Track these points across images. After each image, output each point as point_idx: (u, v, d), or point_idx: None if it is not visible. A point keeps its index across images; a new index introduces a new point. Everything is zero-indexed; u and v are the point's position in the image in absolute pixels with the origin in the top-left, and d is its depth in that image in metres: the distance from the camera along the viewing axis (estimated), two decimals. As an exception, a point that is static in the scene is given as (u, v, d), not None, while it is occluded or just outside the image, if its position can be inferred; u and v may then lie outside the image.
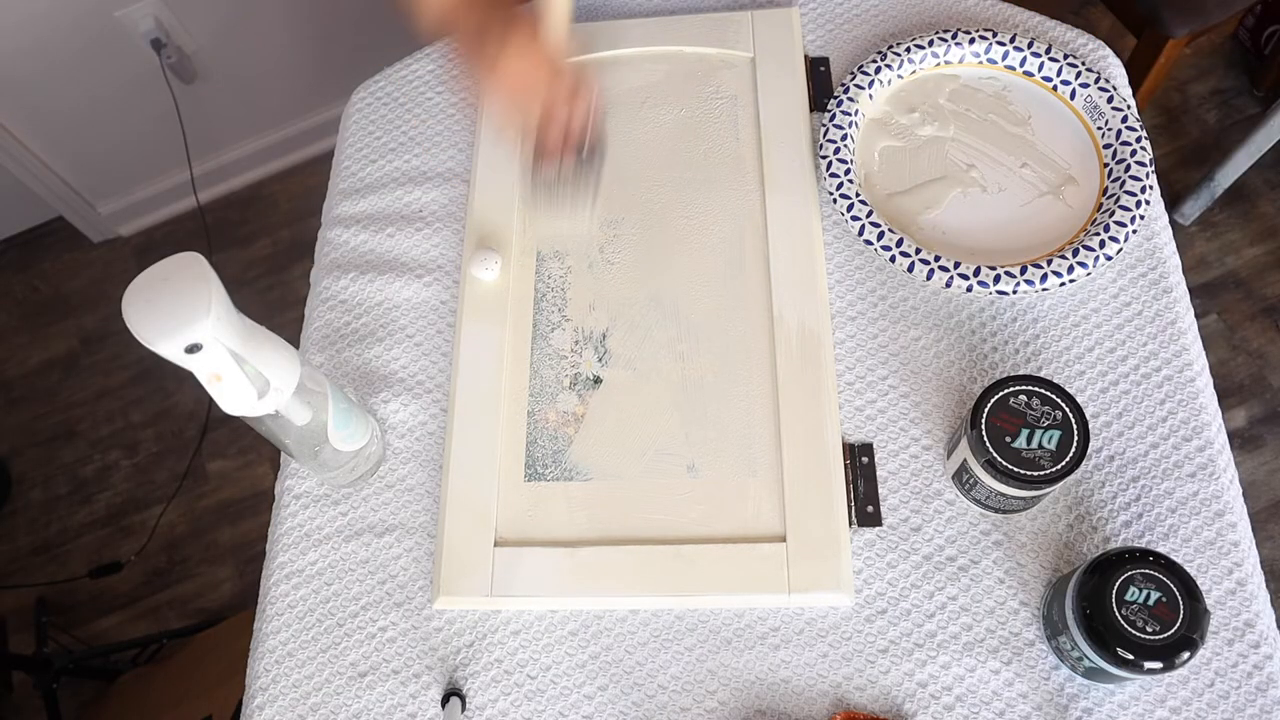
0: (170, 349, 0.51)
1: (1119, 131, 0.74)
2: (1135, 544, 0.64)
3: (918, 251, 0.70)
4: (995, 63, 0.79)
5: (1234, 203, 1.55)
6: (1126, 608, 0.54)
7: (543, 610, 0.67)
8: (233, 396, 0.55)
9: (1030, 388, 0.61)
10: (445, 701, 0.64)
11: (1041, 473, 0.59)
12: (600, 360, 0.73)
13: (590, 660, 0.65)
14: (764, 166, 0.78)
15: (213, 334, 0.51)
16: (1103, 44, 0.82)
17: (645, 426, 0.70)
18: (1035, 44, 0.78)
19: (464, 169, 0.83)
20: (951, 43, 0.79)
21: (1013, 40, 0.78)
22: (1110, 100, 0.75)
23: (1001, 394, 0.61)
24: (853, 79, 0.79)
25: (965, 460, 0.62)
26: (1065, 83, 0.77)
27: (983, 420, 0.60)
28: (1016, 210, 0.74)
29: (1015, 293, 0.69)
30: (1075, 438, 0.59)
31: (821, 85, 0.82)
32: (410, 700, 0.65)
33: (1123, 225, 0.70)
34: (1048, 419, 0.60)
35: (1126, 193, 0.71)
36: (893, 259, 0.71)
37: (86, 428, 1.67)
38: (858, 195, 0.74)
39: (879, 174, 0.77)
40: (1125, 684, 0.60)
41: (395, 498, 0.71)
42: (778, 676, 0.63)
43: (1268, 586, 0.63)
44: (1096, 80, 0.76)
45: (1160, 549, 0.63)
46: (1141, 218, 0.70)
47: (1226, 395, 1.43)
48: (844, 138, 0.76)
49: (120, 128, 1.63)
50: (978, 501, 0.65)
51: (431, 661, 0.66)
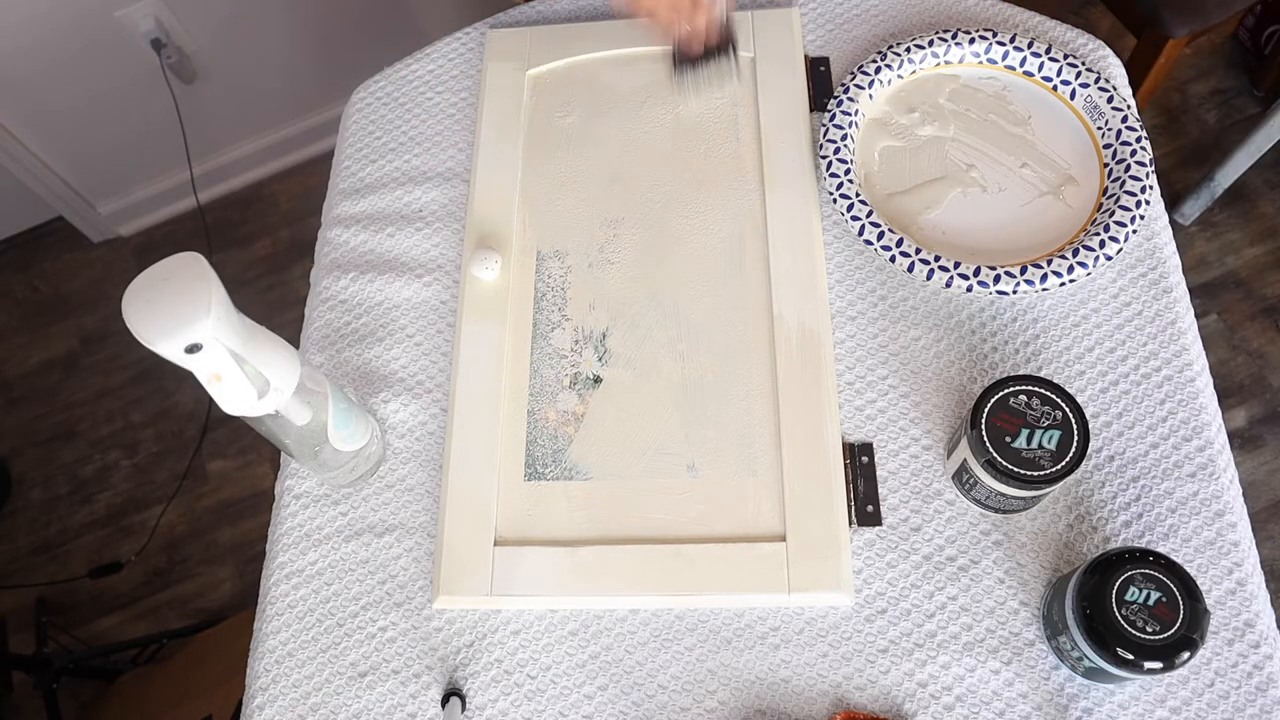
0: (170, 349, 0.51)
1: (1119, 131, 0.74)
2: (1135, 544, 0.64)
3: (918, 251, 0.70)
4: (995, 63, 0.79)
5: (1234, 203, 1.55)
6: (1126, 608, 0.54)
7: (543, 610, 0.67)
8: (233, 396, 0.55)
9: (1030, 388, 0.61)
10: (445, 701, 0.64)
11: (1041, 473, 0.59)
12: (600, 360, 0.73)
13: (590, 660, 0.65)
14: (764, 166, 0.78)
15: (213, 334, 0.51)
16: (1103, 44, 0.82)
17: (645, 426, 0.70)
18: (1035, 44, 0.78)
19: (464, 169, 0.83)
20: (951, 43, 0.79)
21: (1013, 40, 0.78)
22: (1110, 100, 0.75)
23: (1001, 394, 0.61)
24: (853, 79, 0.79)
25: (965, 460, 0.62)
26: (1065, 83, 0.77)
27: (983, 420, 0.60)
28: (1016, 210, 0.74)
29: (1015, 293, 0.69)
30: (1075, 438, 0.59)
31: (821, 85, 0.82)
32: (410, 700, 0.65)
33: (1123, 225, 0.70)
34: (1048, 419, 0.60)
35: (1126, 193, 0.71)
36: (893, 259, 0.71)
37: (86, 428, 1.67)
38: (858, 195, 0.74)
39: (879, 174, 0.77)
40: (1125, 684, 0.60)
41: (395, 498, 0.71)
42: (778, 676, 0.63)
43: (1268, 586, 0.63)
44: (1096, 80, 0.76)
45: (1160, 549, 0.63)
46: (1141, 218, 0.70)
47: (1226, 395, 1.43)
48: (844, 138, 0.76)
49: (120, 128, 1.63)
50: (978, 501, 0.65)
51: (431, 661, 0.66)
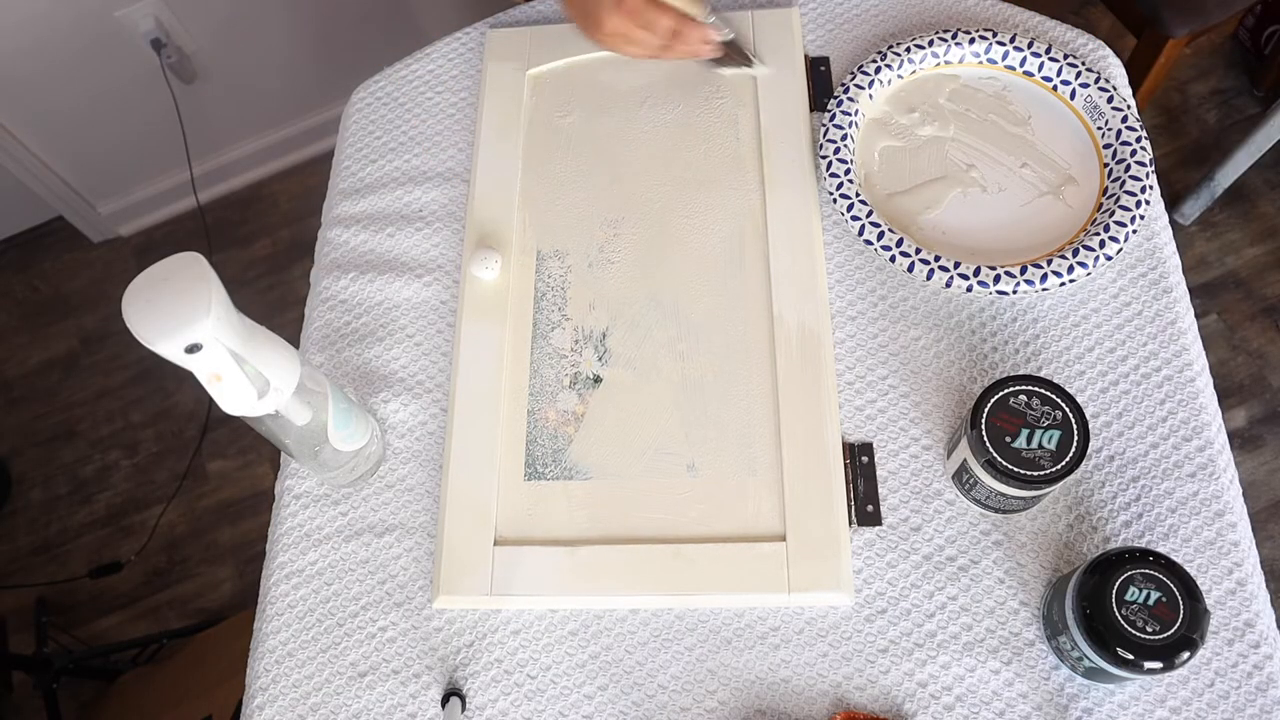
0: (170, 349, 0.51)
1: (1119, 131, 0.74)
2: (1135, 544, 0.64)
3: (918, 251, 0.70)
4: (995, 63, 0.79)
5: (1234, 203, 1.55)
6: (1126, 608, 0.54)
7: (543, 610, 0.67)
8: (233, 396, 0.55)
9: (1030, 388, 0.61)
10: (445, 701, 0.64)
11: (1041, 473, 0.59)
12: (600, 359, 0.73)
13: (590, 660, 0.65)
14: (764, 166, 0.78)
15: (213, 334, 0.51)
16: (1103, 44, 0.82)
17: (645, 426, 0.70)
18: (1035, 44, 0.78)
19: (464, 169, 0.83)
20: (951, 43, 0.79)
21: (1013, 40, 0.78)
22: (1110, 100, 0.75)
23: (1001, 394, 0.61)
24: (853, 79, 0.79)
25: (965, 460, 0.62)
26: (1065, 83, 0.77)
27: (983, 420, 0.60)
28: (1016, 210, 0.74)
29: (1015, 293, 0.69)
30: (1075, 438, 0.59)
31: (821, 85, 0.82)
32: (410, 700, 0.65)
33: (1123, 225, 0.70)
34: (1048, 419, 0.60)
35: (1126, 193, 0.71)
36: (893, 259, 0.71)
37: (86, 428, 1.67)
38: (858, 195, 0.74)
39: (879, 174, 0.77)
40: (1125, 684, 0.60)
41: (395, 498, 0.71)
42: (778, 676, 0.63)
43: (1268, 586, 0.63)
44: (1096, 80, 0.76)
45: (1160, 549, 0.63)
46: (1141, 218, 0.70)
47: (1226, 395, 1.43)
48: (844, 138, 0.76)
49: (120, 128, 1.63)
50: (978, 501, 0.65)
51: (431, 661, 0.66)
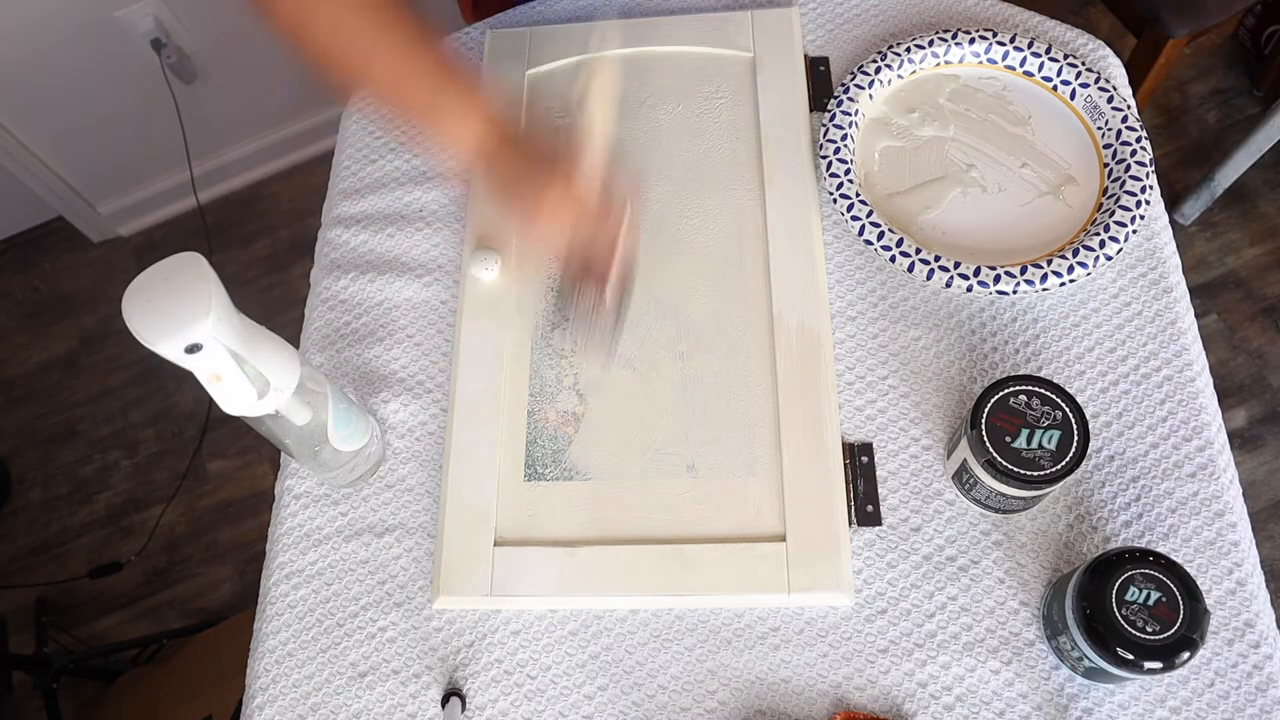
0: (170, 349, 0.51)
1: (1119, 131, 0.74)
2: (1135, 544, 0.64)
3: (918, 251, 0.70)
4: (995, 63, 0.79)
5: (1234, 203, 1.55)
6: (1126, 608, 0.54)
7: (543, 610, 0.67)
8: (233, 396, 0.55)
9: (1030, 388, 0.61)
10: (445, 701, 0.64)
11: (1041, 473, 0.59)
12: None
13: (590, 660, 0.65)
14: (764, 166, 0.78)
15: (213, 334, 0.51)
16: (1103, 44, 0.82)
17: (645, 426, 0.70)
18: (1035, 44, 0.78)
19: (464, 169, 0.83)
20: (951, 43, 0.79)
21: (1013, 40, 0.78)
22: (1110, 100, 0.75)
23: (1001, 394, 0.61)
24: (853, 79, 0.79)
25: (965, 460, 0.62)
26: (1065, 83, 0.77)
27: (983, 420, 0.60)
28: (1016, 210, 0.74)
29: (1015, 293, 0.69)
30: (1075, 438, 0.59)
31: (821, 85, 0.82)
32: (410, 700, 0.65)
33: (1123, 225, 0.70)
34: (1048, 419, 0.60)
35: (1126, 193, 0.71)
36: (893, 259, 0.71)
37: (86, 428, 1.67)
38: (858, 195, 0.74)
39: (879, 174, 0.77)
40: (1125, 684, 0.60)
41: (395, 498, 0.71)
42: (778, 676, 0.63)
43: (1268, 586, 0.63)
44: (1096, 80, 0.76)
45: (1160, 549, 0.63)
46: (1141, 218, 0.70)
47: (1226, 395, 1.43)
48: (844, 138, 0.76)
49: (120, 128, 1.63)
50: (978, 501, 0.65)
51: (431, 661, 0.66)
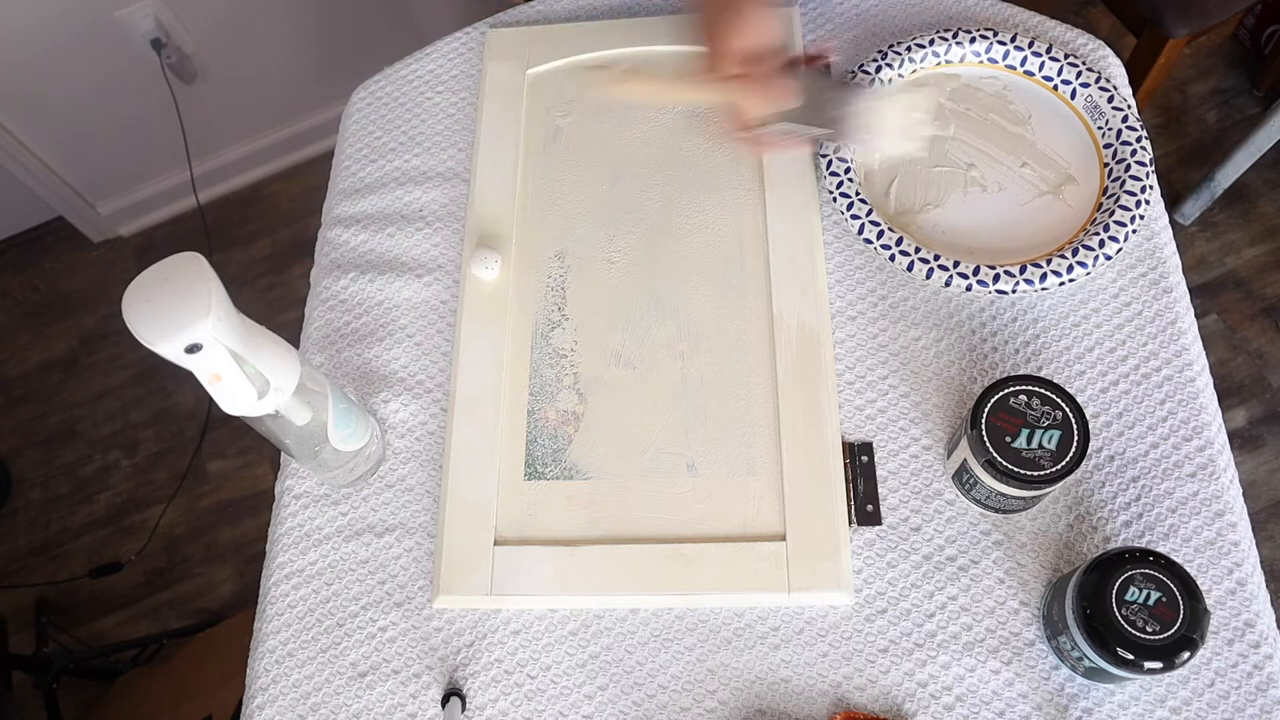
0: (170, 349, 0.51)
1: (1119, 131, 0.74)
2: (1135, 544, 0.64)
3: (917, 250, 0.70)
4: (996, 62, 0.79)
5: (1234, 203, 1.55)
6: (1126, 608, 0.54)
7: (543, 610, 0.67)
8: (233, 396, 0.55)
9: (1030, 388, 0.61)
10: (445, 701, 0.64)
11: (1041, 473, 0.59)
12: (600, 359, 0.73)
13: (590, 660, 0.65)
14: (764, 166, 0.78)
15: (213, 334, 0.51)
16: (1103, 44, 0.82)
17: (645, 425, 0.70)
18: (1036, 44, 0.78)
19: (464, 169, 0.83)
20: (952, 42, 0.79)
21: (1013, 40, 0.78)
22: (1110, 100, 0.75)
23: (1001, 394, 0.61)
24: (853, 78, 0.79)
25: (965, 460, 0.62)
26: (1065, 82, 0.77)
27: (983, 420, 0.60)
28: (1016, 210, 0.74)
29: (1015, 292, 0.69)
30: (1075, 438, 0.59)
31: (821, 85, 0.82)
32: (410, 700, 0.65)
33: (1123, 225, 0.70)
34: (1048, 419, 0.60)
35: (1126, 192, 0.71)
36: (892, 258, 0.71)
37: (86, 428, 1.67)
38: (857, 194, 0.74)
39: (879, 173, 0.77)
40: (1125, 684, 0.60)
41: (395, 498, 0.71)
42: (778, 676, 0.63)
43: (1268, 586, 0.63)
44: (1097, 80, 0.76)
45: (1160, 549, 0.63)
46: (1141, 217, 0.70)
47: (1226, 395, 1.43)
48: (844, 137, 0.76)
49: (120, 128, 1.63)
50: (978, 501, 0.65)
51: (431, 661, 0.66)
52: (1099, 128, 0.76)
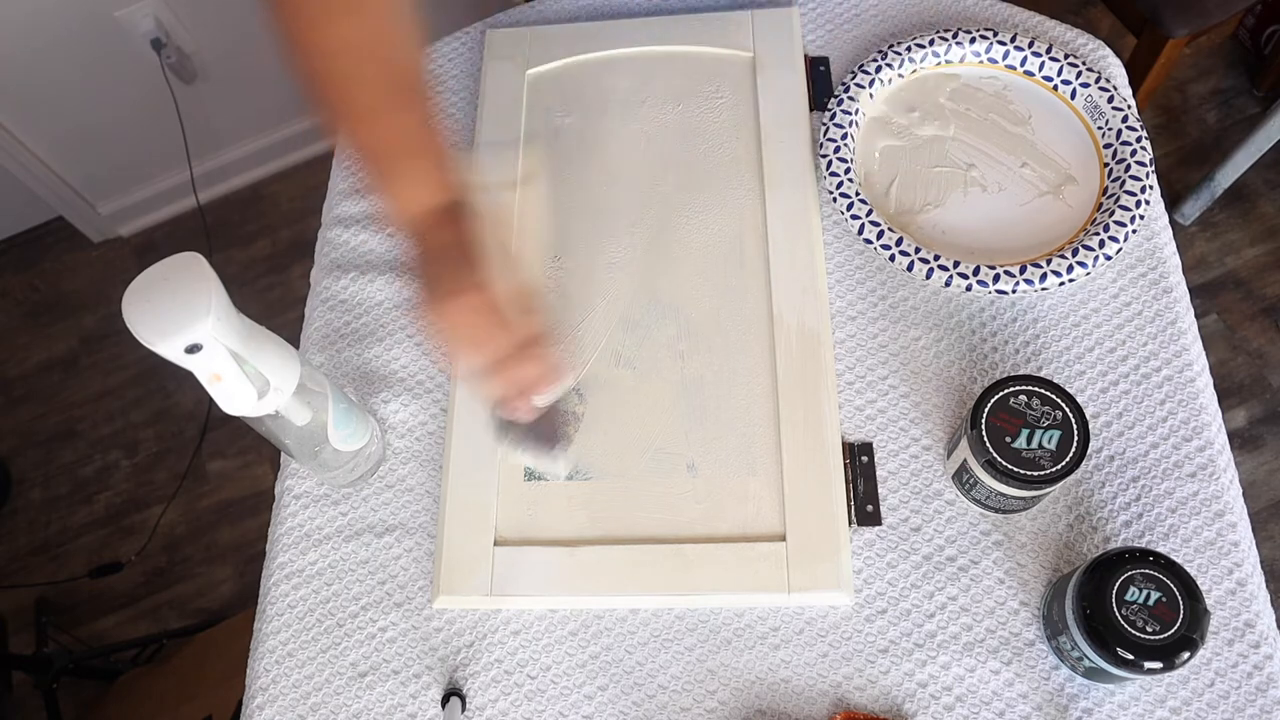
0: (170, 349, 0.51)
1: (1119, 131, 0.74)
2: (1135, 544, 0.64)
3: (917, 250, 0.70)
4: (996, 62, 0.79)
5: (1234, 203, 1.55)
6: (1126, 608, 0.54)
7: (543, 610, 0.67)
8: (233, 396, 0.55)
9: (1030, 388, 0.61)
10: (445, 701, 0.64)
11: (1041, 473, 0.59)
12: (601, 359, 0.73)
13: (590, 660, 0.65)
14: (764, 166, 0.78)
15: (213, 334, 0.51)
16: (1103, 44, 0.82)
17: (645, 425, 0.70)
18: (1036, 44, 0.78)
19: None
20: (952, 42, 0.79)
21: (1013, 40, 0.78)
22: (1110, 100, 0.75)
23: (1001, 394, 0.61)
24: (853, 78, 0.79)
25: (965, 460, 0.62)
26: (1065, 82, 0.77)
27: (983, 420, 0.60)
28: (1016, 210, 0.74)
29: (1015, 292, 0.69)
30: (1075, 438, 0.59)
31: (821, 85, 0.82)
32: (410, 700, 0.65)
33: (1123, 225, 0.70)
34: (1048, 419, 0.60)
35: (1126, 192, 0.71)
36: (892, 258, 0.71)
37: (86, 428, 1.67)
38: (857, 194, 0.74)
39: (879, 173, 0.77)
40: (1125, 684, 0.60)
41: (395, 498, 0.71)
42: (778, 676, 0.63)
43: (1268, 587, 0.63)
44: (1097, 80, 0.76)
45: (1160, 549, 0.63)
46: (1141, 218, 0.70)
47: (1226, 395, 1.43)
48: (844, 137, 0.76)
49: (120, 128, 1.63)
50: (978, 501, 0.65)
51: (431, 661, 0.66)
52: (1099, 128, 0.76)
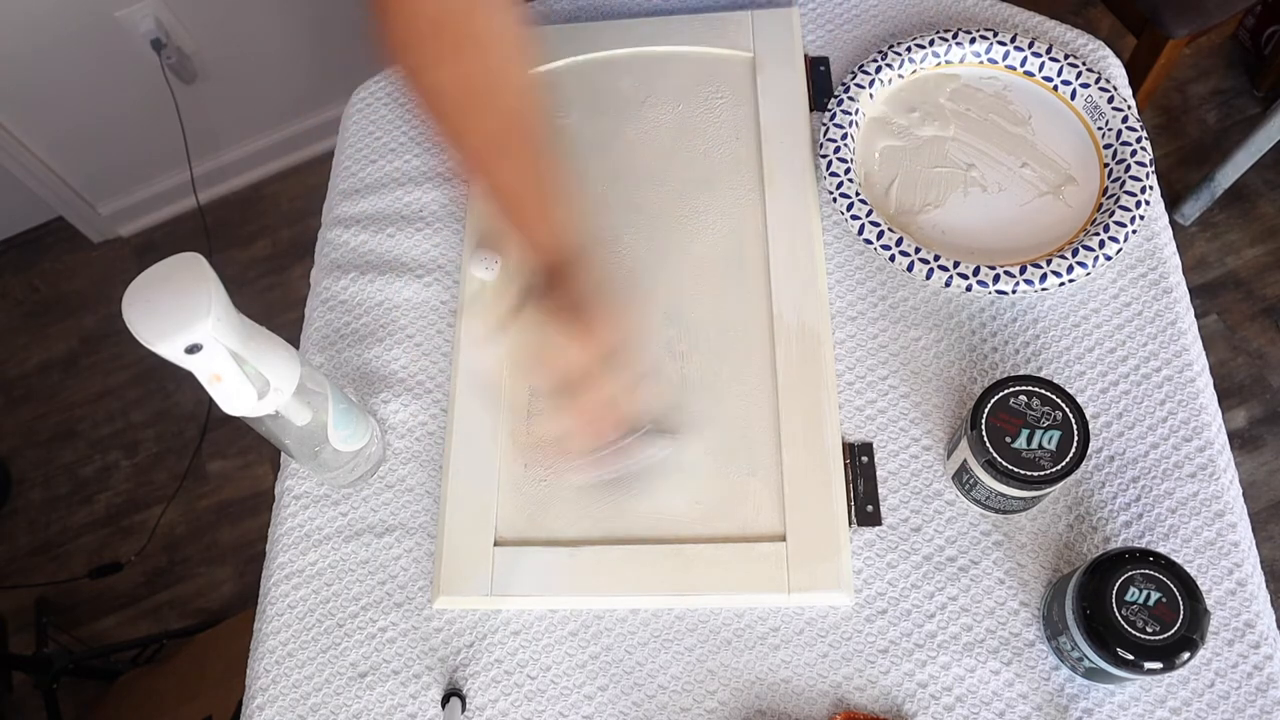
0: (170, 349, 0.51)
1: (1119, 131, 0.74)
2: (1135, 544, 0.64)
3: (917, 250, 0.70)
4: (996, 62, 0.79)
5: (1234, 203, 1.55)
6: (1126, 608, 0.54)
7: (543, 610, 0.67)
8: (233, 397, 0.55)
9: (1030, 388, 0.61)
10: (445, 702, 0.64)
11: (1041, 473, 0.59)
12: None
13: (590, 660, 0.65)
14: (764, 166, 0.78)
15: (213, 334, 0.51)
16: (1103, 44, 0.82)
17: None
18: (1036, 44, 0.78)
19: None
20: (952, 42, 0.79)
21: (1013, 40, 0.78)
22: (1110, 100, 0.75)
23: (1001, 394, 0.61)
24: (853, 78, 0.79)
25: (965, 460, 0.62)
26: (1066, 83, 0.77)
27: (983, 420, 0.60)
28: (1016, 210, 0.74)
29: (1015, 292, 0.69)
30: (1075, 438, 0.59)
31: (821, 85, 0.82)
32: (410, 700, 0.65)
33: (1123, 225, 0.70)
34: (1048, 419, 0.60)
35: (1126, 193, 0.71)
36: (892, 258, 0.71)
37: (86, 428, 1.67)
38: (857, 194, 0.74)
39: (879, 173, 0.77)
40: (1125, 684, 0.60)
41: (395, 498, 0.71)
42: (778, 676, 0.63)
43: (1268, 587, 0.63)
44: (1097, 80, 0.76)
45: (1160, 549, 0.63)
46: (1141, 218, 0.70)
47: (1226, 395, 1.43)
48: (844, 137, 0.76)
49: (120, 128, 1.63)
50: (978, 502, 0.65)
51: (431, 661, 0.66)
52: (1099, 128, 0.76)
